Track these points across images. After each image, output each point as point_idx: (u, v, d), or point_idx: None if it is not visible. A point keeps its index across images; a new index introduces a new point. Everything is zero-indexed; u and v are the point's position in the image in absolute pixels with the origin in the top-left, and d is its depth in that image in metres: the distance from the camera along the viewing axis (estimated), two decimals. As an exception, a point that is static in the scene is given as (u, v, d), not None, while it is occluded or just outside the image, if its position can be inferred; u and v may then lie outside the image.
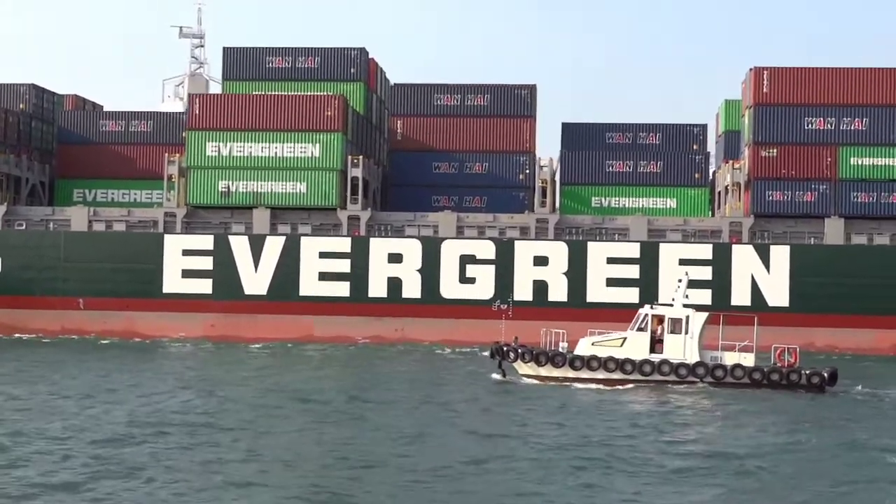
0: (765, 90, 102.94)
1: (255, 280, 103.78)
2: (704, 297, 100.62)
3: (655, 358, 68.24)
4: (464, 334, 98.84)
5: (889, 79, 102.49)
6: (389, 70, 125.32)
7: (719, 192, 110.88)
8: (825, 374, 67.51)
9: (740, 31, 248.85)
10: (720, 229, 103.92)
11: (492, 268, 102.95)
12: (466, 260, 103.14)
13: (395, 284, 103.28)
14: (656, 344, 69.13)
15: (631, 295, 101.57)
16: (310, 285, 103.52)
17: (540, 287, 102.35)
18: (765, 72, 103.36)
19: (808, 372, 67.66)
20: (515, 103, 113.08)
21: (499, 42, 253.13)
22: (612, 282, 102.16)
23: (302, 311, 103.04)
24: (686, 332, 68.58)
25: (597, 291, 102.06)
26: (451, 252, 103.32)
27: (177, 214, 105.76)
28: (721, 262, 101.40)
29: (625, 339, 69.19)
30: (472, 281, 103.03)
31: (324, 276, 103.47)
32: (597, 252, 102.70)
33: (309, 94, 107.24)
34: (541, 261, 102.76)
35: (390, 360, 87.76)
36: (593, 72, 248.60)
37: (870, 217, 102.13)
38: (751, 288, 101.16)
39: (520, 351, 70.69)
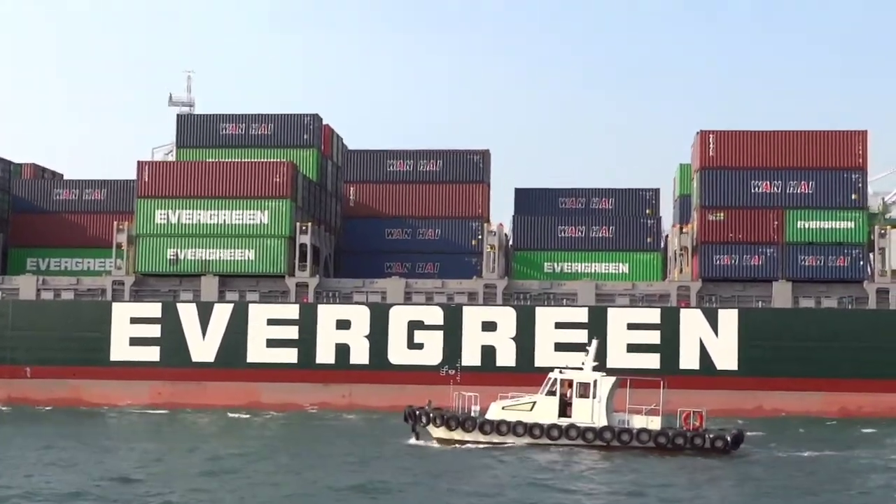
0: (711, 153, 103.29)
1: (203, 347, 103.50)
2: (653, 361, 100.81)
3: (564, 422, 68.39)
4: (412, 400, 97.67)
5: (834, 141, 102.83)
6: (349, 137, 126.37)
7: (671, 257, 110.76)
8: (728, 438, 67.60)
9: (695, 94, 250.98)
10: (668, 293, 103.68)
11: (440, 333, 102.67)
12: (414, 325, 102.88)
13: (343, 350, 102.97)
14: (567, 407, 68.98)
15: (579, 360, 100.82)
16: (257, 352, 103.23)
17: (488, 352, 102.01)
18: (711, 135, 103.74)
19: (711, 436, 67.72)
20: (468, 169, 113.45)
21: (456, 108, 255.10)
22: (560, 346, 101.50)
23: (249, 378, 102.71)
24: (594, 397, 68.77)
25: (545, 356, 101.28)
26: (399, 318, 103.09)
27: (125, 282, 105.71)
28: (669, 327, 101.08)
29: (534, 403, 69.31)
30: (420, 346, 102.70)
31: (272, 343, 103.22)
32: (545, 317, 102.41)
33: (257, 160, 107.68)
34: (489, 326, 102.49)
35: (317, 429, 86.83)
36: (547, 137, 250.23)
37: (817, 280, 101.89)
38: (699, 352, 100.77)
39: (431, 415, 70.65)
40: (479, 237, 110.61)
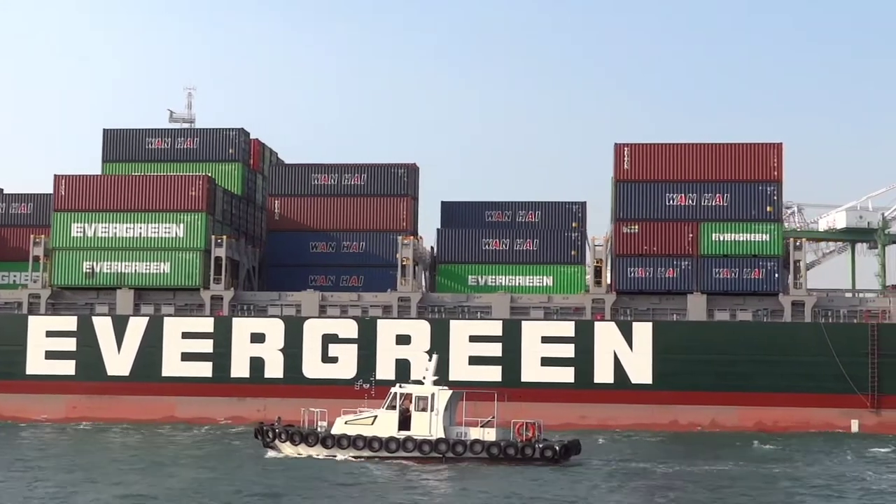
0: (626, 166, 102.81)
1: (118, 361, 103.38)
2: (567, 374, 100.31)
3: (401, 435, 69.08)
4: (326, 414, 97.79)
5: (749, 154, 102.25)
6: (286, 152, 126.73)
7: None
8: (557, 448, 68.46)
9: (631, 108, 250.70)
10: (583, 306, 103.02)
11: (354, 347, 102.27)
12: (329, 339, 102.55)
13: (257, 364, 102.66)
14: (407, 421, 69.87)
15: (493, 373, 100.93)
16: (172, 366, 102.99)
17: (402, 365, 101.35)
18: (626, 148, 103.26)
19: (541, 446, 68.61)
20: (392, 182, 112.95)
21: (388, 123, 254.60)
22: (474, 360, 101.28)
23: (164, 391, 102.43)
24: (432, 410, 69.40)
25: (459, 370, 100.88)
26: (313, 331, 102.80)
27: (41, 295, 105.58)
28: (583, 340, 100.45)
29: (375, 417, 70.24)
30: (334, 360, 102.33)
31: (186, 357, 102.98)
32: (459, 330, 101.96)
33: (172, 174, 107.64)
34: (403, 339, 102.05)
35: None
36: (482, 151, 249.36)
37: (732, 293, 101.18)
38: (613, 365, 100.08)
39: (277, 431, 71.63)
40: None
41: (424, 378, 71.67)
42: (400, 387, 71.84)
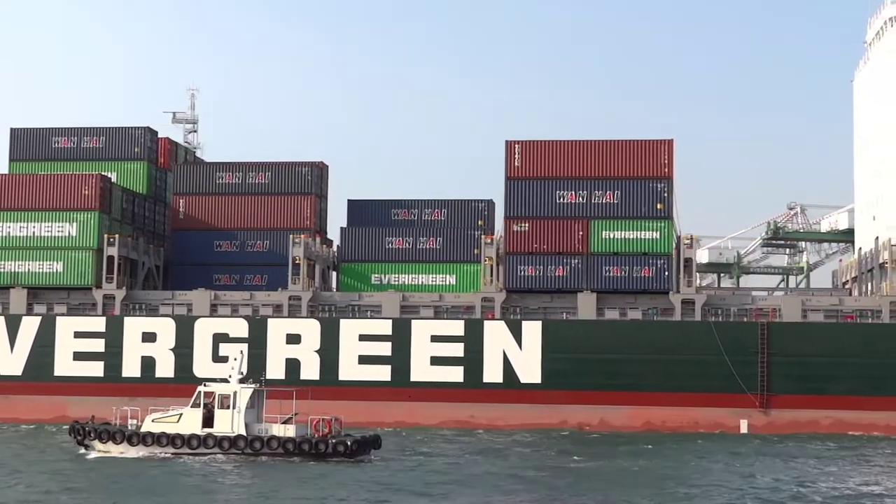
0: (517, 164, 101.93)
1: (11, 360, 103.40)
2: (456, 374, 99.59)
3: (203, 432, 70.05)
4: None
5: (640, 151, 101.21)
6: (209, 152, 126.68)
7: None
8: (349, 443, 69.41)
9: (536, 104, 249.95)
10: (474, 305, 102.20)
11: (245, 346, 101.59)
12: (220, 338, 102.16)
13: (148, 364, 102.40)
14: (212, 418, 70.94)
15: (382, 372, 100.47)
16: (64, 365, 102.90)
17: (292, 365, 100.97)
18: (516, 145, 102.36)
19: (334, 441, 69.39)
20: (297, 181, 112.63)
21: (300, 120, 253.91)
22: (364, 359, 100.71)
23: (56, 391, 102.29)
24: (234, 407, 70.53)
25: (349, 369, 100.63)
26: (204, 330, 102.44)
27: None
28: (473, 339, 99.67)
29: (181, 415, 71.43)
30: (224, 360, 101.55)
31: (78, 356, 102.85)
32: (349, 329, 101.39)
33: (66, 173, 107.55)
34: (293, 339, 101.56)
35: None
36: (396, 150, 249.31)
37: (622, 291, 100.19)
38: (503, 364, 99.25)
39: (88, 429, 72.56)
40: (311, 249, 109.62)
41: (230, 375, 72.35)
42: (205, 385, 72.58)
